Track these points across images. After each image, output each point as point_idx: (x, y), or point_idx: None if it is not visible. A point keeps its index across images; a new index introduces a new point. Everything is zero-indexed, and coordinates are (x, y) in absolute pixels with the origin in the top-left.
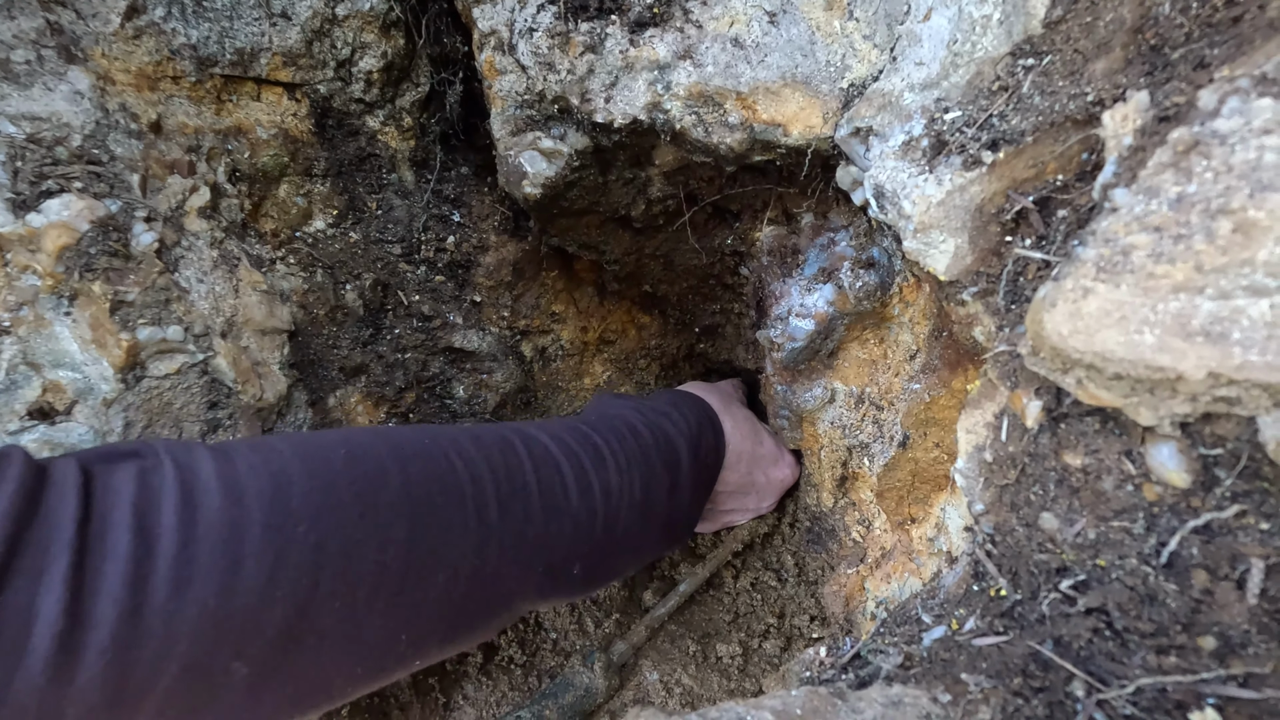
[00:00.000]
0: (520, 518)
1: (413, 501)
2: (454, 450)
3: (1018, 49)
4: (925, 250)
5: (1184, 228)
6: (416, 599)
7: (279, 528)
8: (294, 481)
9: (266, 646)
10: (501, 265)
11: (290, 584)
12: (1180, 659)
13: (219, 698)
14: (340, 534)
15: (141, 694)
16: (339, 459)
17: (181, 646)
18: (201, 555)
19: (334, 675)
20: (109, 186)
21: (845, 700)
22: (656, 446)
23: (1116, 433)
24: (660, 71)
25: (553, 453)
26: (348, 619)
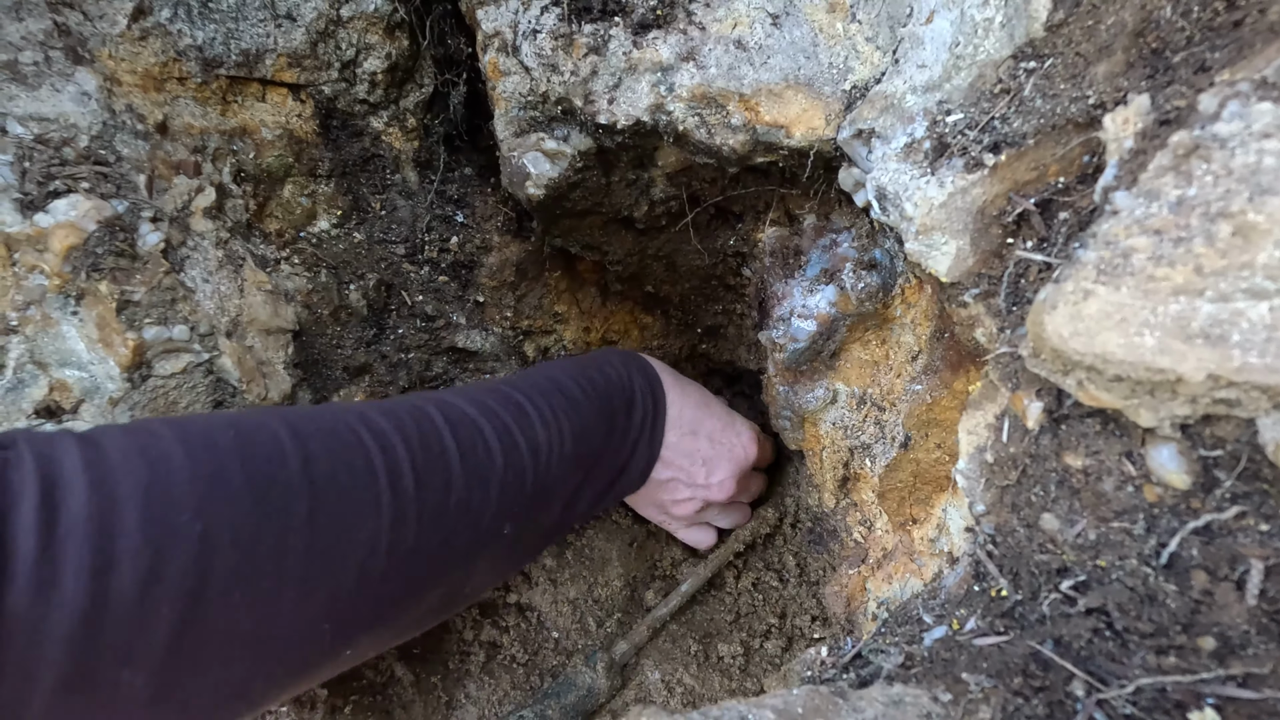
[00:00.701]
0: (440, 484)
1: (314, 479)
2: (360, 423)
3: (1020, 52)
4: (927, 252)
5: (1184, 231)
6: (332, 586)
7: (158, 520)
8: (175, 468)
9: (159, 651)
10: (504, 266)
11: (177, 581)
12: (1180, 659)
13: (116, 709)
14: (231, 521)
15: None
16: (227, 440)
17: (53, 655)
18: (67, 556)
19: (250, 678)
20: (116, 187)
21: (846, 699)
22: (584, 396)
23: (1117, 434)
24: (663, 73)
25: (470, 415)
26: (253, 614)
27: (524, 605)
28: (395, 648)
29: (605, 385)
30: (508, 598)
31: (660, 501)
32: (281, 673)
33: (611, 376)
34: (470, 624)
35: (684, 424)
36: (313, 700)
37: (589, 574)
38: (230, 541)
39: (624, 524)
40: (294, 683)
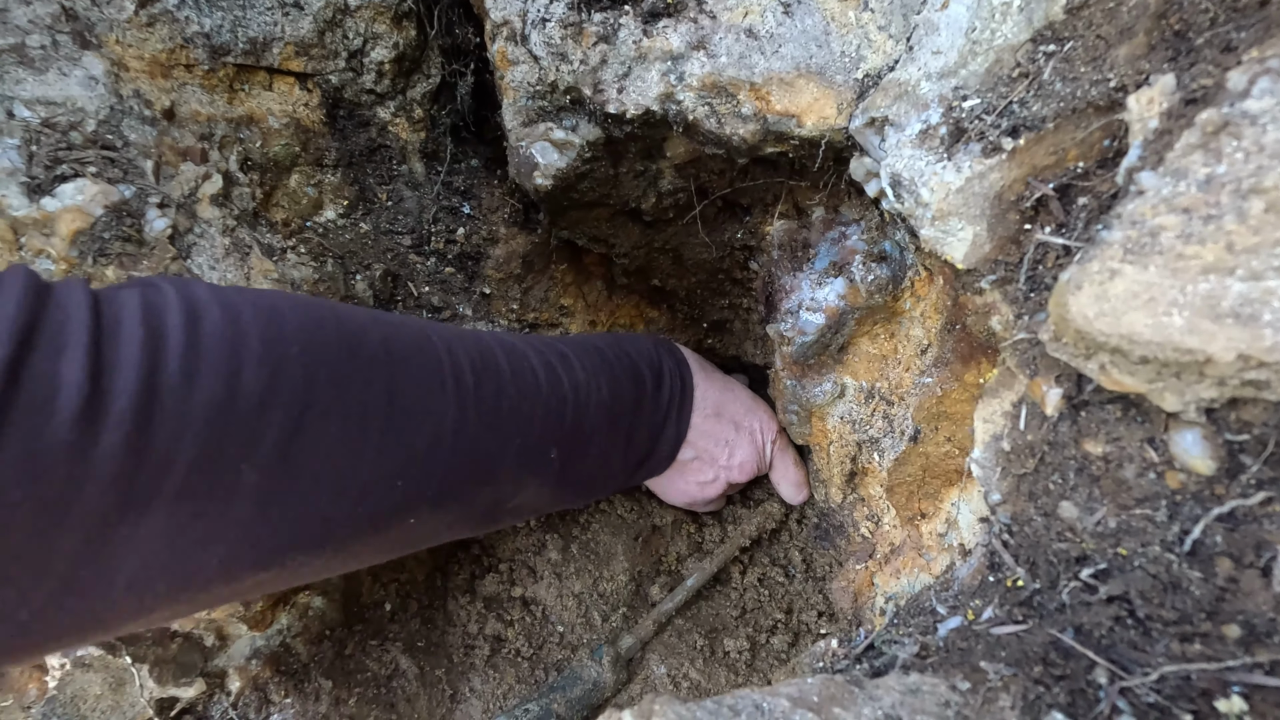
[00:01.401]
0: (494, 389)
1: (393, 357)
2: (428, 327)
3: (1039, 35)
4: (943, 238)
5: (1214, 208)
6: (406, 442)
7: (274, 343)
8: (285, 315)
9: (271, 454)
10: (511, 258)
11: (287, 396)
12: (1205, 647)
13: (230, 504)
14: (328, 367)
15: (160, 473)
16: (324, 307)
17: (194, 429)
18: (206, 355)
19: (336, 509)
20: (123, 172)
21: (862, 688)
22: (619, 363)
23: (1139, 420)
24: (673, 62)
25: (519, 346)
26: (343, 446)
27: (529, 599)
28: (399, 640)
29: (637, 359)
30: (512, 591)
31: (685, 485)
32: (361, 515)
33: (644, 353)
34: (475, 617)
35: (708, 406)
36: (317, 691)
37: (594, 568)
38: (328, 380)
39: (629, 519)
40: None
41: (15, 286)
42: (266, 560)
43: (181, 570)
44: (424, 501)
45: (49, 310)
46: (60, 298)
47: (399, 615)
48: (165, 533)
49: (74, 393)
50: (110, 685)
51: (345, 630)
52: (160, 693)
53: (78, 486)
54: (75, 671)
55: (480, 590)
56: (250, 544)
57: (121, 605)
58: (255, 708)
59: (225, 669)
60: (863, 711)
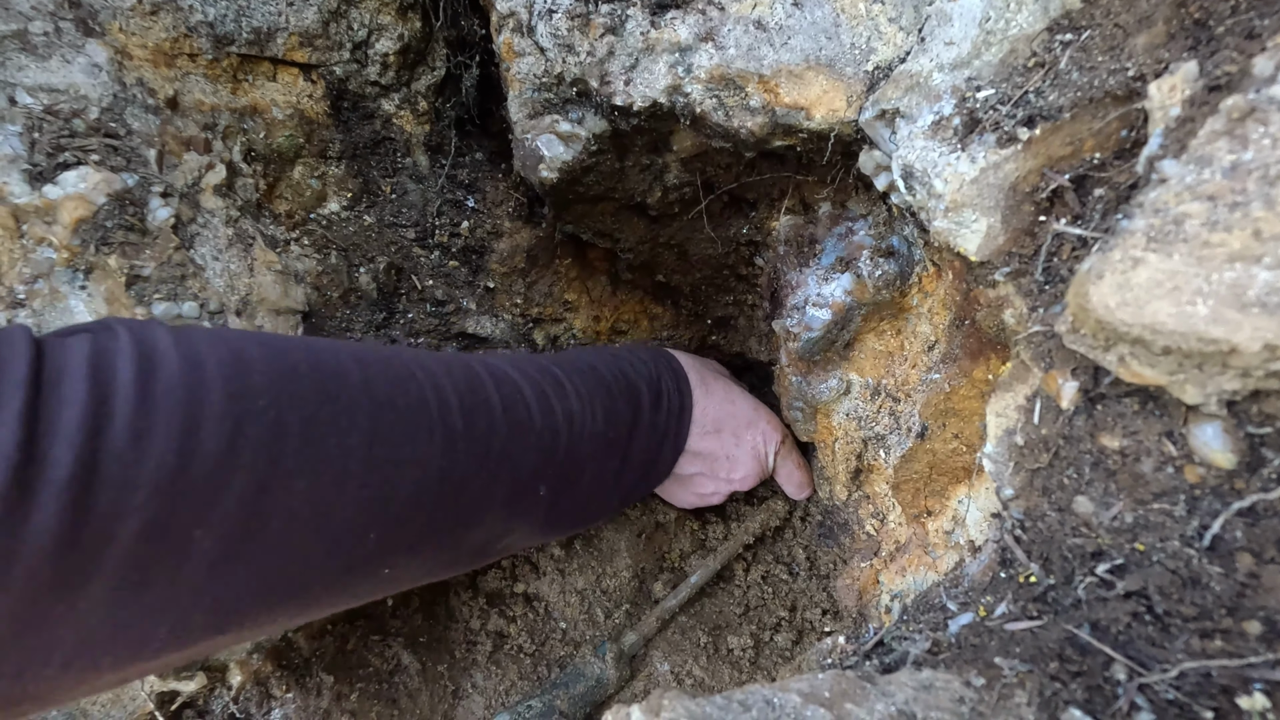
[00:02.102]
0: (484, 427)
1: (374, 399)
2: (414, 362)
3: (1055, 24)
4: (956, 230)
5: (1240, 195)
6: (384, 493)
7: (239, 398)
8: (253, 362)
9: (229, 518)
10: (515, 252)
11: (251, 455)
12: (1225, 643)
13: (181, 571)
14: (301, 415)
15: (99, 547)
16: (298, 350)
17: (140, 499)
18: (160, 412)
19: (302, 566)
20: (126, 160)
21: (874, 683)
22: (616, 384)
23: (1157, 413)
24: (681, 54)
25: (512, 376)
26: (314, 502)
27: (531, 595)
28: (401, 635)
29: (634, 378)
30: (514, 587)
31: (687, 494)
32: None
33: (641, 371)
34: (477, 613)
35: (708, 422)
36: (319, 686)
37: (597, 565)
38: (299, 433)
39: (632, 515)
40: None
41: None
42: (223, 624)
43: (126, 643)
44: (401, 550)
45: None
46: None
47: (401, 610)
48: (106, 607)
49: (4, 462)
50: None
51: (347, 625)
52: (161, 686)
53: (7, 564)
54: None
55: (482, 586)
56: (204, 610)
57: (59, 682)
58: (256, 702)
59: (226, 663)
60: (876, 707)
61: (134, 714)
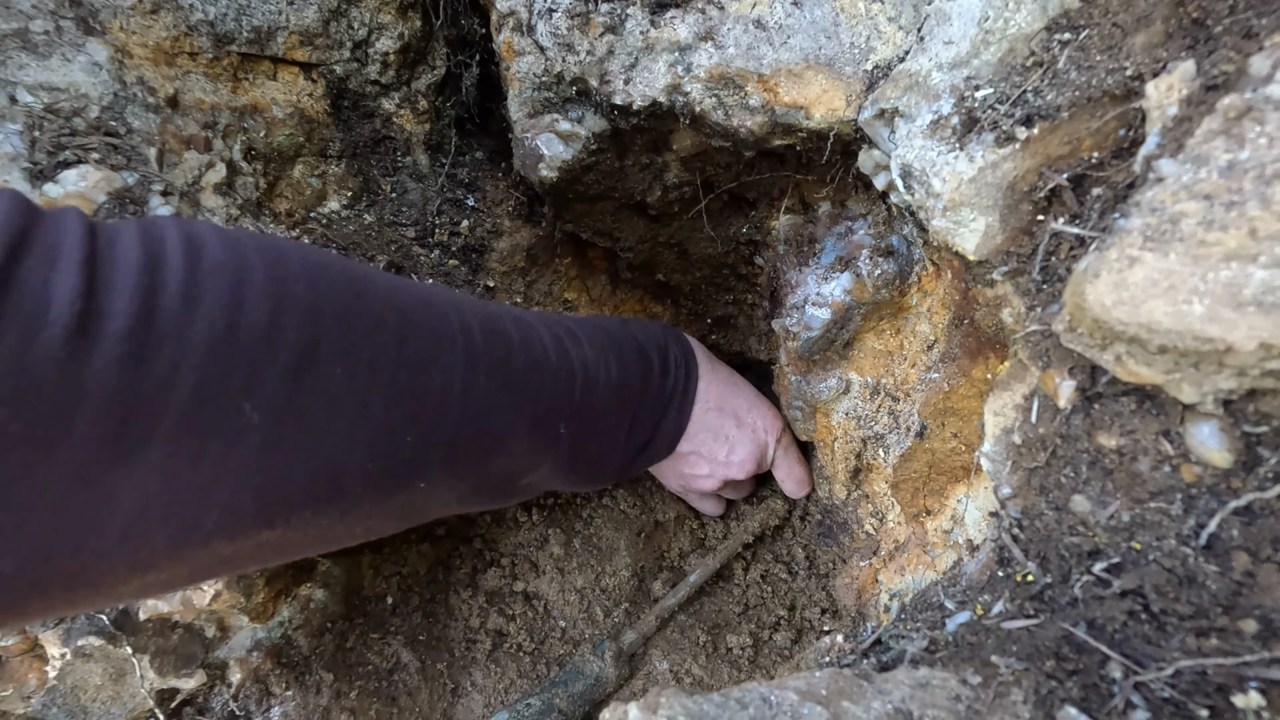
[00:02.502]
0: (503, 353)
1: (400, 306)
2: (430, 287)
3: (1053, 24)
4: (954, 229)
5: (1236, 194)
6: (416, 393)
7: (279, 280)
8: (289, 254)
9: (275, 393)
10: (515, 251)
11: (292, 333)
12: (1221, 642)
13: (232, 445)
14: (335, 305)
15: (157, 404)
16: (328, 254)
17: (193, 360)
18: (207, 282)
19: (344, 457)
20: (126, 159)
21: (871, 681)
22: (627, 344)
23: (1154, 412)
24: (681, 53)
25: (527, 318)
26: (350, 391)
27: (531, 593)
28: (400, 633)
29: (644, 343)
30: (514, 585)
31: (680, 473)
32: (369, 467)
33: (651, 338)
34: (477, 611)
35: (710, 399)
36: (318, 684)
37: (596, 563)
38: (335, 320)
39: (631, 514)
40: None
41: (5, 201)
42: (270, 513)
43: (180, 518)
44: (435, 462)
45: (41, 226)
46: (54, 216)
47: (400, 608)
48: (163, 473)
49: (66, 307)
50: (111, 676)
51: (346, 623)
52: (161, 684)
53: (69, 411)
54: (76, 662)
55: (482, 584)
56: (253, 492)
57: (115, 558)
58: (256, 700)
59: (226, 660)
60: (872, 705)
61: (134, 711)
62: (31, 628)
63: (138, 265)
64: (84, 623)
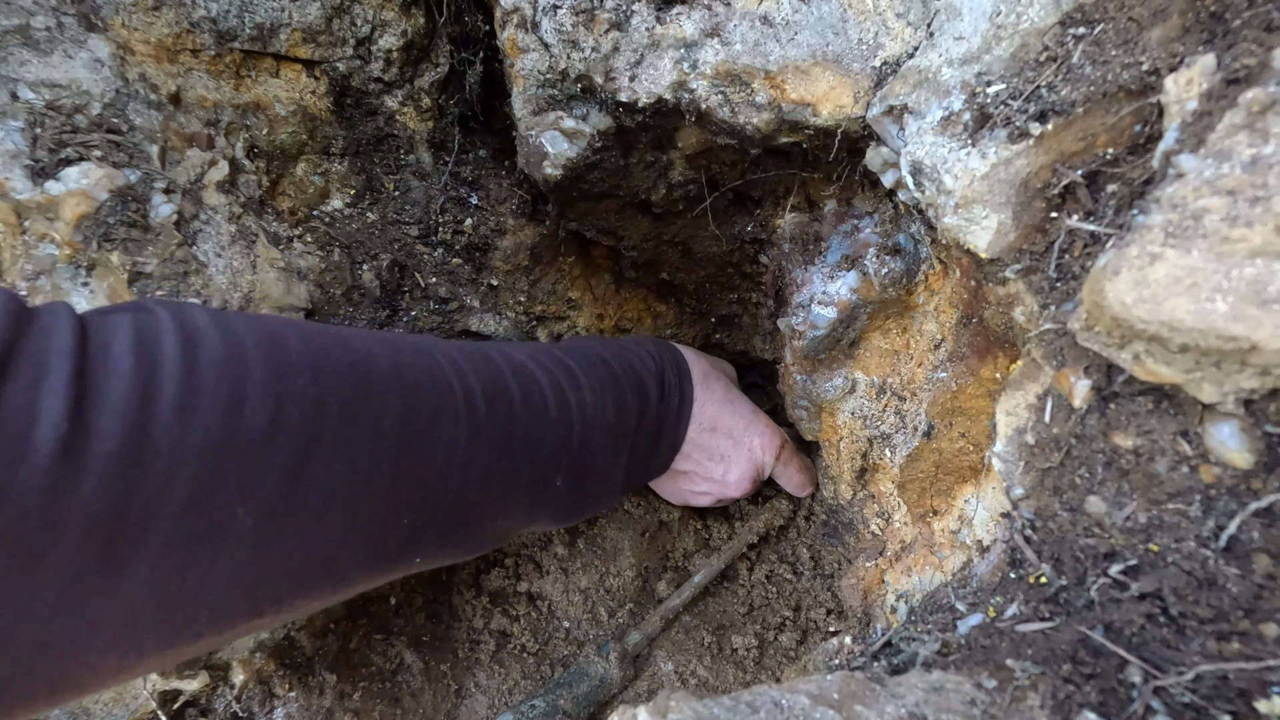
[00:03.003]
0: (505, 415)
1: (403, 383)
2: (435, 349)
3: (1067, 18)
4: (966, 226)
5: (1261, 190)
6: (417, 476)
7: (279, 375)
8: (289, 343)
9: (271, 494)
10: (519, 249)
11: (293, 432)
12: (1243, 646)
13: (223, 550)
14: (338, 396)
15: (146, 521)
16: (328, 334)
17: (187, 472)
18: (205, 386)
19: (338, 548)
20: (128, 156)
21: (884, 685)
22: (624, 376)
23: (1172, 412)
24: (687, 50)
25: (529, 367)
26: (351, 482)
27: (535, 594)
28: (404, 634)
29: (642, 372)
30: (518, 586)
31: (678, 490)
32: (363, 554)
33: (648, 365)
34: (481, 612)
35: (705, 419)
36: (321, 685)
37: (601, 564)
38: (337, 413)
39: (636, 514)
40: (368, 570)
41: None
42: (262, 606)
43: (169, 625)
44: (431, 535)
45: (28, 336)
46: (42, 322)
47: (404, 610)
48: (151, 584)
49: (53, 429)
50: None
51: (350, 624)
52: (163, 685)
53: (54, 535)
54: None
55: (486, 585)
56: (245, 591)
57: (101, 666)
58: (259, 701)
59: (229, 662)
60: (886, 709)
61: (136, 713)
62: None
63: (130, 375)
64: None
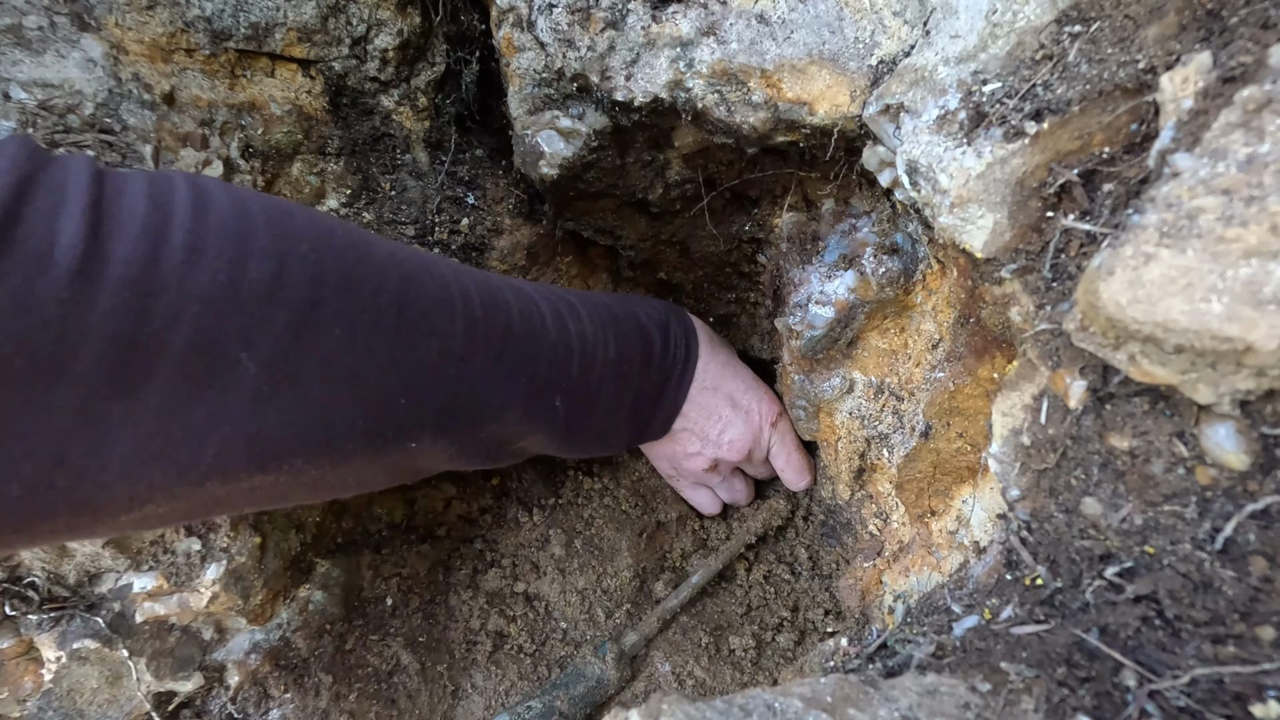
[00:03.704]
0: (502, 323)
1: (402, 271)
2: (432, 256)
3: (1063, 16)
4: (962, 226)
5: (1256, 189)
6: (414, 358)
7: (283, 238)
8: (294, 214)
9: (272, 349)
10: (516, 249)
11: (294, 291)
12: (1238, 649)
13: (227, 392)
14: (338, 267)
15: (156, 349)
16: (333, 219)
17: (193, 310)
18: (212, 236)
19: (336, 415)
20: (121, 156)
21: (878, 688)
22: (628, 321)
23: (1168, 413)
24: (683, 48)
25: (528, 291)
26: (348, 351)
27: (531, 595)
28: (400, 635)
29: (645, 320)
30: (515, 586)
31: (671, 453)
32: (362, 427)
33: (652, 315)
34: (477, 613)
35: (708, 378)
36: (317, 686)
37: (598, 564)
38: (336, 281)
39: (633, 514)
40: (369, 448)
41: (12, 145)
42: (263, 459)
43: (175, 458)
44: (428, 425)
45: (49, 170)
46: (63, 161)
47: (400, 610)
48: (160, 414)
49: (71, 250)
50: (107, 678)
51: (346, 625)
52: (158, 686)
53: (72, 348)
54: (72, 664)
55: (482, 585)
56: (247, 439)
57: (115, 489)
58: (254, 702)
59: (224, 663)
60: (879, 713)
61: (131, 714)
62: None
63: (144, 215)
64: (80, 626)
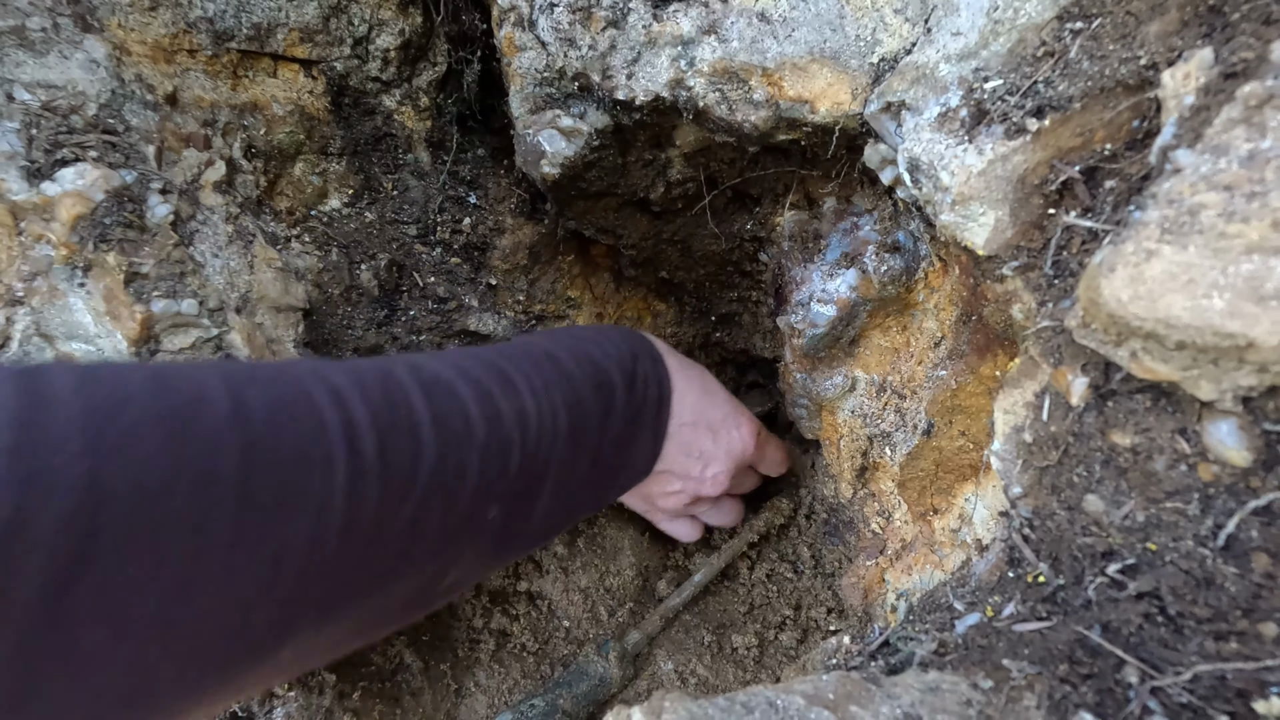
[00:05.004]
0: (406, 450)
1: (248, 427)
2: (311, 376)
3: (1065, 13)
4: (963, 223)
5: (1258, 185)
6: (270, 559)
7: (28, 457)
8: (61, 400)
9: (20, 622)
10: (517, 248)
11: (48, 534)
12: (1241, 645)
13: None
14: (131, 466)
15: None
16: (138, 377)
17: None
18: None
19: (151, 677)
20: (124, 157)
21: (880, 685)
22: (580, 371)
23: (1170, 410)
24: (684, 47)
25: (446, 378)
26: (159, 586)
27: (534, 593)
28: (404, 634)
29: (603, 362)
30: (518, 585)
31: (648, 493)
32: (196, 674)
33: (610, 352)
34: (480, 612)
35: (685, 412)
36: (320, 685)
37: (601, 563)
38: (129, 491)
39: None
40: (213, 691)
41: None
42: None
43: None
44: (303, 624)
45: None
46: None
47: None
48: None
49: None
50: None
51: None
52: None
53: None
54: None
55: (485, 584)
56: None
57: None
58: (258, 700)
59: None
60: (881, 710)
61: None
62: None
63: None
64: None
